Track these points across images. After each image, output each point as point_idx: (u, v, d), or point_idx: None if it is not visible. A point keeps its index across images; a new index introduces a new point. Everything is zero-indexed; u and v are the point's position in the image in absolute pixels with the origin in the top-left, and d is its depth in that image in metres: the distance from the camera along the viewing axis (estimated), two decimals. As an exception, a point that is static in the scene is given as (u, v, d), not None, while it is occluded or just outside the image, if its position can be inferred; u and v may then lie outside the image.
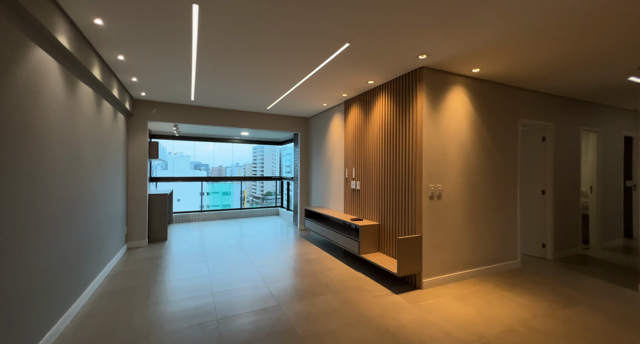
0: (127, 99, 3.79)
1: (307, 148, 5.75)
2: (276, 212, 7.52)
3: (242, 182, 8.31)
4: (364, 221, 3.56)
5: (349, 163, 4.14)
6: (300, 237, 4.98)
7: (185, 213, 6.47)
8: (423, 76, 2.83)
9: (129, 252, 3.99)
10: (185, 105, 4.65)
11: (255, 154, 31.27)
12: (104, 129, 3.03)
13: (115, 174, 3.50)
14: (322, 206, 5.05)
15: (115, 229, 3.53)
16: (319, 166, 5.20)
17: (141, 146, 4.35)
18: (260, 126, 5.28)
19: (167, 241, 4.71)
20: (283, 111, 5.11)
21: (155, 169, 17.46)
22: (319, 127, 5.21)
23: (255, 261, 3.69)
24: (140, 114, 4.35)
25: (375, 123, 3.52)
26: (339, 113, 4.51)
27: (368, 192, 3.66)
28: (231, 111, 5.01)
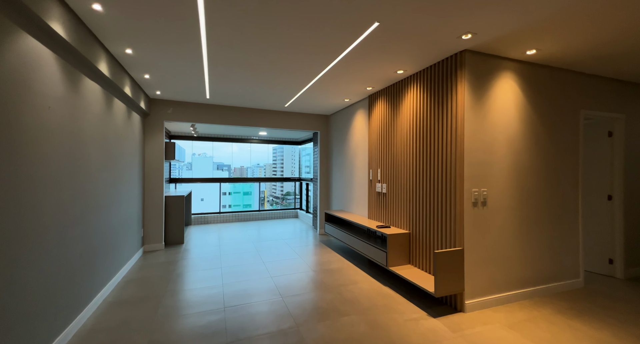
0: (142, 98, 3.66)
1: (327, 148, 5.43)
2: (295, 214, 7.26)
3: (261, 182, 8.13)
4: (391, 229, 3.17)
5: (373, 164, 3.76)
6: (320, 243, 4.66)
7: (204, 215, 6.38)
8: (465, 61, 2.40)
9: (145, 256, 3.87)
10: (201, 104, 4.49)
11: (275, 155, 31.49)
12: (115, 129, 2.88)
13: (129, 175, 3.37)
14: (344, 209, 4.70)
15: (129, 233, 3.40)
16: (340, 167, 4.86)
17: (158, 146, 4.24)
18: (278, 125, 5.03)
19: (183, 244, 4.58)
20: (302, 108, 4.83)
21: (180, 170, 17.72)
22: (340, 125, 4.86)
23: (272, 269, 3.41)
24: (157, 114, 4.24)
25: (405, 119, 3.12)
26: (362, 109, 4.14)
27: (396, 196, 3.27)
28: (248, 109, 4.80)
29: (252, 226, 6.12)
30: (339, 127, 4.94)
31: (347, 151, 4.62)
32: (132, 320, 2.25)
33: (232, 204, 25.06)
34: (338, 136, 4.96)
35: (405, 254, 3.01)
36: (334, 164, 5.15)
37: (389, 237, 2.95)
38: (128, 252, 3.38)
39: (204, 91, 3.77)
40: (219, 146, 7.32)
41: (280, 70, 2.94)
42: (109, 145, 2.71)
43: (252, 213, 6.84)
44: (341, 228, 4.06)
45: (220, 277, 3.16)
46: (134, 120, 3.56)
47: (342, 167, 4.81)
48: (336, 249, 4.32)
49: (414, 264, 2.97)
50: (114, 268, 2.90)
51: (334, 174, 5.15)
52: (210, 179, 6.95)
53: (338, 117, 4.97)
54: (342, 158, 4.78)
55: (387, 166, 3.46)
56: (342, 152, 4.78)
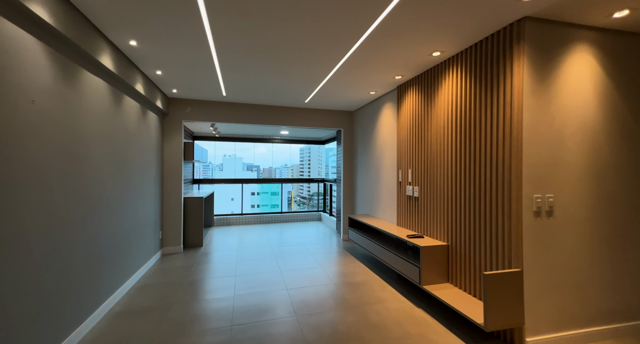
0: (158, 97, 3.56)
1: (351, 146, 5.03)
2: (318, 217, 6.94)
3: (284, 183, 7.92)
4: (425, 240, 2.70)
5: (403, 164, 3.30)
6: (343, 250, 4.28)
7: (226, 216, 6.29)
8: (525, 32, 1.89)
9: (163, 260, 3.77)
10: (219, 102, 4.33)
11: (302, 156, 31.66)
12: (126, 128, 2.75)
13: (144, 176, 3.26)
14: (369, 214, 4.27)
15: (146, 236, 3.30)
16: (366, 167, 4.43)
17: (176, 147, 4.14)
18: (298, 123, 4.73)
19: (202, 247, 4.45)
20: (323, 104, 4.48)
21: (212, 171, 18.00)
22: (365, 122, 4.44)
23: (289, 280, 3.10)
24: (175, 114, 4.15)
25: (442, 110, 2.64)
26: (390, 102, 3.69)
27: (431, 201, 2.79)
28: (266, 107, 4.56)
29: (273, 228, 5.90)
30: (363, 124, 4.52)
31: (372, 149, 4.19)
32: (132, 337, 2.05)
33: (261, 204, 25.63)
34: (363, 134, 4.54)
35: (443, 271, 2.53)
36: (358, 164, 4.74)
37: (423, 249, 2.49)
38: (144, 256, 3.27)
39: (218, 87, 3.57)
40: (248, 148, 7.37)
41: (295, 59, 2.62)
42: (117, 144, 2.58)
43: (275, 215, 6.63)
44: (366, 235, 3.64)
45: (233, 287, 2.91)
46: (149, 119, 3.46)
47: (367, 168, 4.38)
48: (361, 258, 3.91)
49: (453, 283, 2.48)
50: (126, 273, 2.77)
51: (358, 175, 4.74)
52: (233, 179, 6.87)
53: (363, 112, 4.55)
54: (368, 157, 4.35)
55: (419, 166, 2.99)
56: (368, 151, 4.36)
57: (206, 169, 21.34)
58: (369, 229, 4.04)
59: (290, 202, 17.75)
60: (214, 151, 18.90)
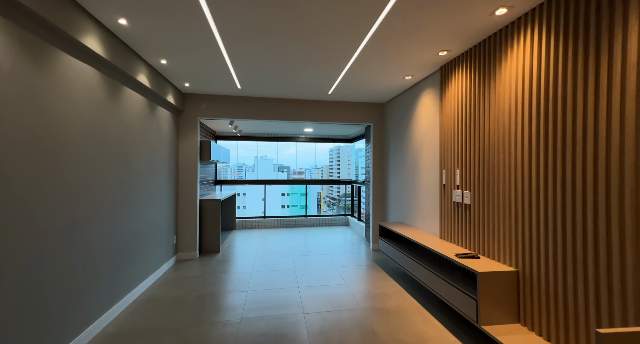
0: (170, 92, 3.30)
1: (381, 143, 4.42)
2: (345, 221, 6.39)
3: (308, 185, 7.49)
4: (483, 261, 2.05)
5: (448, 162, 2.65)
6: (372, 263, 3.69)
7: (249, 219, 6.01)
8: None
9: (175, 267, 3.50)
10: (235, 97, 3.99)
11: (331, 156, 31.18)
12: (125, 123, 2.47)
13: (153, 178, 3.00)
14: (404, 222, 3.64)
15: (156, 241, 3.03)
16: (399, 167, 3.81)
17: (192, 146, 3.88)
18: (322, 118, 4.24)
19: (219, 253, 4.15)
20: (349, 95, 3.94)
21: (246, 171, 18.15)
22: (399, 114, 3.82)
23: (309, 300, 2.61)
24: (190, 110, 3.89)
25: (508, 90, 1.97)
26: (430, 88, 3.05)
27: (490, 209, 2.13)
28: (285, 100, 4.14)
29: (297, 233, 5.47)
30: (397, 117, 3.90)
31: (408, 146, 3.55)
32: (114, 370, 1.70)
33: (291, 205, 25.84)
34: (396, 128, 3.92)
35: (511, 307, 1.87)
36: (390, 163, 4.12)
37: (482, 276, 1.85)
38: (155, 263, 3.01)
39: (231, 78, 3.21)
40: (280, 149, 7.19)
41: (312, 35, 2.14)
42: (113, 141, 2.29)
43: (299, 219, 6.21)
44: (400, 248, 3.04)
45: (242, 307, 2.50)
46: (160, 116, 3.21)
47: (401, 168, 3.75)
48: (394, 274, 3.30)
49: (527, 326, 1.81)
50: (129, 285, 2.49)
51: (390, 176, 4.12)
52: (255, 181, 6.59)
53: (396, 104, 3.93)
54: (402, 156, 3.73)
55: (471, 165, 2.33)
56: (402, 149, 3.73)
57: (240, 169, 21.72)
58: (404, 240, 3.42)
59: (319, 204, 17.40)
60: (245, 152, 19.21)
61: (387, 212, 4.26)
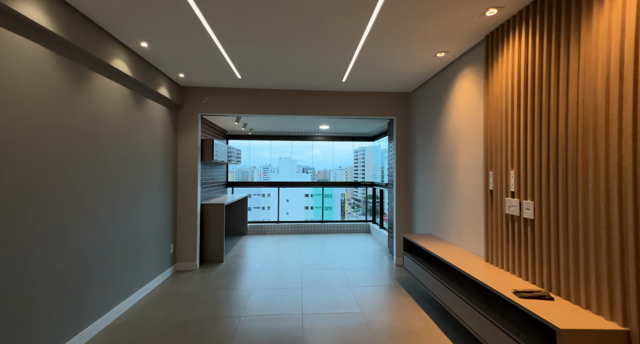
0: (162, 83, 2.95)
1: (406, 140, 3.77)
2: (366, 228, 5.76)
3: (325, 187, 6.95)
4: (559, 306, 1.38)
5: (497, 161, 1.98)
6: (396, 283, 3.07)
7: (261, 224, 5.61)
8: None
9: (171, 280, 3.14)
10: (238, 89, 3.58)
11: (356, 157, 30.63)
12: (98, 117, 2.12)
13: (141, 181, 2.65)
14: (435, 235, 2.97)
15: (144, 253, 2.67)
16: (429, 168, 3.14)
17: (191, 145, 3.53)
18: (336, 111, 3.70)
19: (222, 263, 3.75)
20: (367, 83, 3.35)
21: (270, 173, 18.01)
22: (428, 103, 3.16)
23: (313, 335, 2.08)
24: (190, 105, 3.54)
25: (605, 49, 1.30)
26: (471, 66, 2.39)
27: (569, 228, 1.45)
28: (294, 92, 3.64)
29: (312, 241, 4.96)
30: (425, 108, 3.24)
31: (439, 142, 2.89)
32: None
33: (314, 206, 25.68)
34: (424, 121, 3.27)
35: (613, 386, 1.19)
36: (417, 163, 3.46)
37: (567, 337, 1.19)
38: (142, 277, 2.65)
39: (227, 66, 2.78)
40: (304, 150, 6.84)
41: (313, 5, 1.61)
42: (74, 138, 1.92)
43: (316, 225, 5.70)
44: (431, 269, 2.39)
45: (229, 338, 2.02)
46: (151, 110, 2.86)
47: (431, 169, 3.09)
48: (422, 300, 2.66)
49: None
50: (100, 308, 2.13)
51: (417, 179, 3.46)
52: (267, 183, 6.20)
53: (424, 91, 3.28)
54: (432, 154, 3.06)
55: (536, 164, 1.66)
56: (431, 145, 3.07)
57: (266, 171, 21.92)
58: (435, 259, 2.76)
59: (343, 205, 16.97)
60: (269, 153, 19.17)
61: (413, 221, 3.60)
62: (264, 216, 13.56)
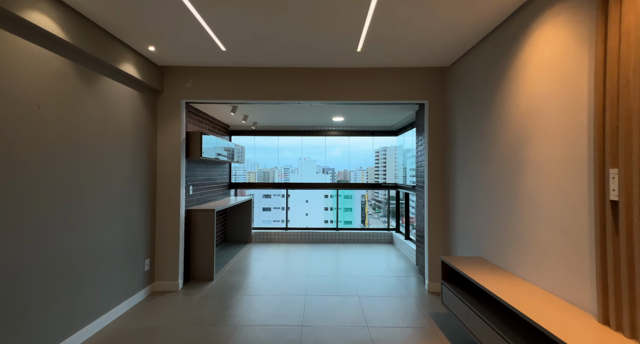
0: (127, 59, 2.34)
1: (442, 129, 2.90)
2: (389, 238, 4.90)
3: (339, 190, 6.17)
4: None
5: (636, 151, 1.10)
6: (431, 322, 2.23)
7: (267, 231, 4.94)
8: None
9: (141, 306, 2.52)
10: (228, 69, 2.89)
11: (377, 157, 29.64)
12: (11, 93, 1.50)
13: (96, 184, 2.04)
14: (489, 260, 2.09)
15: (98, 275, 2.06)
16: (477, 164, 2.27)
17: (173, 138, 2.90)
18: (351, 95, 2.92)
19: (212, 281, 3.10)
20: (390, 54, 2.54)
21: (292, 174, 17.95)
22: (478, 77, 2.28)
23: None
24: (172, 91, 2.92)
25: None
26: (563, 3, 1.51)
27: None
28: (298, 71, 2.90)
29: (324, 253, 4.20)
30: (472, 84, 2.37)
31: (496, 128, 2.01)
32: None
33: (334, 207, 25.27)
34: (470, 102, 2.39)
35: None
36: (458, 159, 2.58)
37: None
38: (93, 309, 2.01)
39: (206, 35, 2.10)
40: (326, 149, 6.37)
41: None
42: None
43: (329, 233, 4.94)
44: (486, 313, 1.54)
45: None
46: (110, 92, 2.24)
47: (481, 165, 2.22)
48: (475, 361, 1.80)
49: None
50: None
51: (458, 179, 2.58)
52: (275, 184, 5.52)
53: (470, 61, 2.40)
54: (482, 145, 2.19)
55: None
56: (482, 133, 2.19)
57: (287, 171, 21.67)
58: (489, 295, 1.88)
59: (363, 206, 16.35)
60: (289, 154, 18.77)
61: (452, 235, 2.72)
62: (283, 216, 13.12)
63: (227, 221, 4.86)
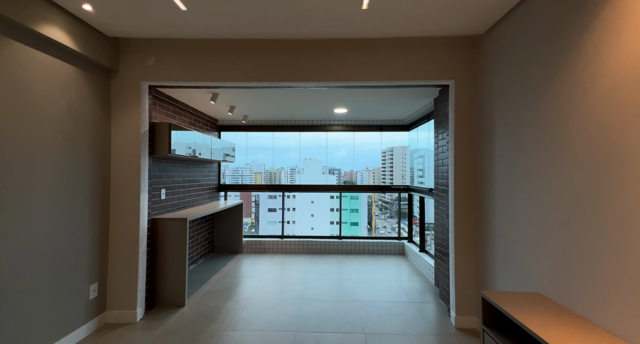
0: (52, 18, 1.76)
1: (474, 118, 2.23)
2: (400, 249, 4.24)
3: (343, 192, 5.57)
4: None
5: None
6: (469, 390, 1.57)
7: (261, 239, 4.33)
8: None
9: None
10: (199, 42, 2.29)
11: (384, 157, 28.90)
12: None
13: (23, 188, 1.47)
14: (560, 300, 1.42)
15: (18, 305, 1.49)
16: (541, 163, 1.59)
17: (131, 130, 2.32)
18: (353, 74, 2.28)
19: (182, 308, 2.50)
20: (404, 16, 1.88)
21: (299, 176, 17.41)
22: (533, 39, 1.60)
23: None
24: (130, 71, 2.33)
25: None
26: None
27: None
28: (286, 43, 2.28)
29: (324, 269, 3.57)
30: (520, 52, 1.69)
31: (569, 109, 1.34)
32: None
33: (339, 209, 24.97)
34: (519, 77, 1.71)
35: None
36: (497, 156, 1.91)
37: None
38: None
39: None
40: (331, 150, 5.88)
41: None
42: None
43: (332, 242, 4.31)
44: None
45: None
46: (20, 62, 1.67)
47: (546, 165, 1.54)
48: None
49: None
50: None
51: (499, 184, 1.90)
52: (269, 186, 4.92)
53: (521, 22, 1.72)
54: (547, 134, 1.51)
55: None
56: (547, 119, 1.52)
57: (293, 172, 21.21)
58: None
59: (370, 207, 15.87)
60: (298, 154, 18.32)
61: (487, 256, 2.04)
62: (288, 217, 12.66)
63: (215, 228, 4.28)
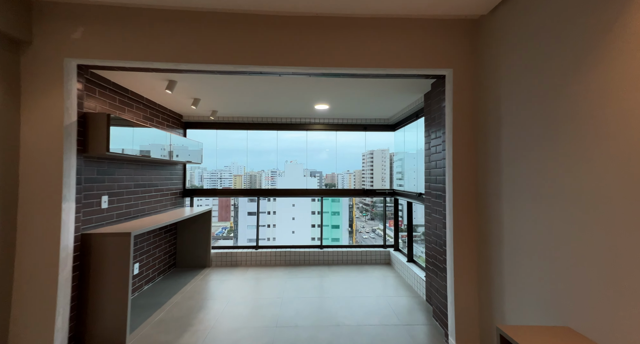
0: None
1: (476, 113, 1.92)
2: (386, 258, 3.92)
3: (324, 197, 5.20)
4: None
5: None
6: None
7: (230, 251, 3.84)
8: None
9: None
10: (143, 9, 1.82)
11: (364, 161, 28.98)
12: None
13: None
14: (589, 337, 1.10)
15: None
16: (567, 167, 1.28)
17: (49, 120, 1.79)
18: (336, 60, 1.90)
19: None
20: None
21: (277, 177, 16.54)
22: (551, 15, 1.31)
23: None
24: (49, 44, 1.81)
25: None
26: None
27: None
28: (254, 17, 1.87)
29: (304, 282, 3.15)
30: (539, 31, 1.39)
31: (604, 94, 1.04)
32: None
33: (323, 211, 24.80)
34: (542, 61, 1.40)
35: None
36: (504, 156, 1.59)
37: None
38: None
39: None
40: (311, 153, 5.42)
41: None
42: None
43: (312, 252, 3.91)
44: None
45: None
46: None
47: (573, 169, 1.23)
48: None
49: None
50: None
51: (504, 190, 1.58)
52: (242, 190, 4.42)
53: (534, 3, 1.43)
54: (567, 126, 1.20)
55: None
56: (563, 108, 1.21)
57: (274, 174, 20.53)
58: None
59: (351, 210, 15.77)
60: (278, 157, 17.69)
61: (494, 275, 1.71)
62: (269, 220, 12.15)
63: (178, 239, 3.73)
